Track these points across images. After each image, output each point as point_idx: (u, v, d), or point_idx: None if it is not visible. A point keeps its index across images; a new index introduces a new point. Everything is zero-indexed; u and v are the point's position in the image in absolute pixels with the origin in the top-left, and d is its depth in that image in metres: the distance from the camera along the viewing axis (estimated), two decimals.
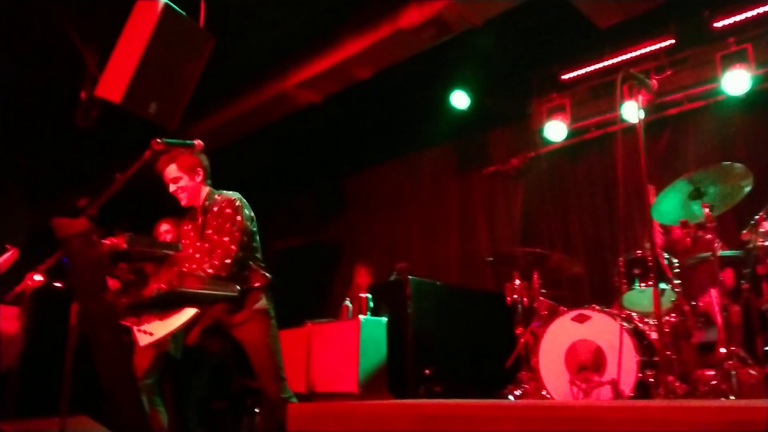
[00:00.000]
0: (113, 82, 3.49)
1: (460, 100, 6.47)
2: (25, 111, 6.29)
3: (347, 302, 5.44)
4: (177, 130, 3.62)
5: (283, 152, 7.67)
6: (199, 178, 3.32)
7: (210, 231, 3.22)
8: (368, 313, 5.22)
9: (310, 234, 8.52)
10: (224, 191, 3.38)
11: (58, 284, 5.65)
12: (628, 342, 3.56)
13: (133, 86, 3.44)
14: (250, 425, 5.80)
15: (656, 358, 3.61)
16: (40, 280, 4.24)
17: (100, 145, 6.49)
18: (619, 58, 5.77)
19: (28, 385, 4.30)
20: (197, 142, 3.17)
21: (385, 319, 5.11)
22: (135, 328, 3.00)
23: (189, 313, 2.85)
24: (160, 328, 2.91)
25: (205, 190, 3.35)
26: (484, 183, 6.91)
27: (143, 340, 2.97)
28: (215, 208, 3.27)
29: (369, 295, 5.35)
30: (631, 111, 5.37)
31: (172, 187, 3.30)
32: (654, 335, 3.74)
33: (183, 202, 3.34)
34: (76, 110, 4.68)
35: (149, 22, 3.48)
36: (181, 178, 3.27)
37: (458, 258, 6.92)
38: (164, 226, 4.25)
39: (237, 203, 3.26)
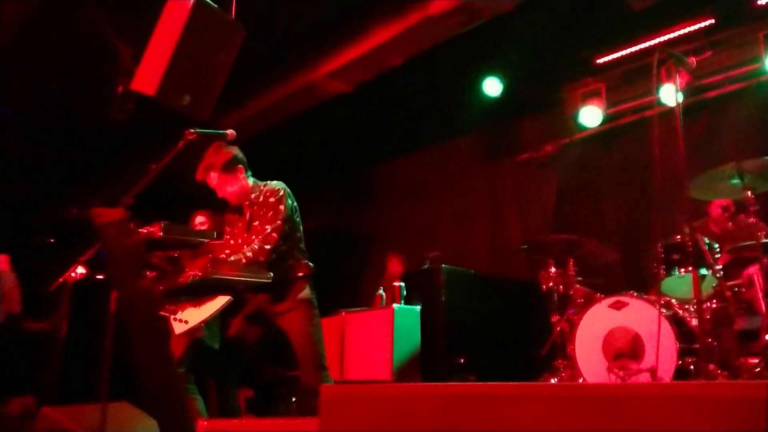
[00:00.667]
0: (148, 76, 3.56)
1: (492, 87, 6.39)
2: (63, 105, 6.45)
3: (380, 291, 5.46)
4: (209, 122, 3.67)
5: (313, 142, 7.70)
6: (241, 176, 3.35)
7: (257, 222, 3.26)
8: (401, 301, 5.23)
9: (341, 224, 8.55)
10: (269, 182, 3.41)
11: (99, 276, 5.80)
12: (667, 329, 3.50)
13: (167, 79, 3.50)
14: (286, 413, 5.88)
15: (696, 345, 3.53)
16: (82, 273, 4.34)
17: (135, 137, 6.61)
18: (656, 40, 5.62)
19: (68, 372, 4.43)
20: (230, 131, 3.20)
21: (418, 308, 5.11)
22: (171, 317, 3.05)
23: (222, 300, 2.89)
24: (195, 315, 2.96)
25: (249, 184, 3.38)
26: (516, 170, 6.84)
27: (178, 328, 3.02)
28: (261, 199, 3.30)
29: (402, 284, 5.36)
30: (669, 93, 5.25)
31: (219, 192, 3.34)
32: (694, 322, 3.66)
33: (233, 202, 3.38)
34: (113, 103, 4.77)
35: (182, 15, 3.53)
36: (224, 182, 3.30)
37: (490, 246, 6.87)
38: (199, 218, 4.32)
39: (281, 193, 3.28)
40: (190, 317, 2.98)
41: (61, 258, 4.47)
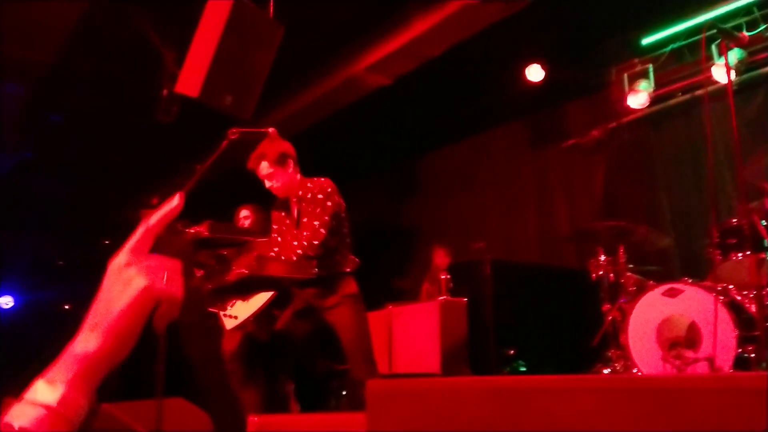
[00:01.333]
0: (191, 78, 3.63)
1: (535, 73, 6.27)
2: (110, 109, 6.64)
3: (426, 284, 5.44)
4: (252, 120, 3.72)
5: (356, 137, 7.71)
6: (290, 170, 3.38)
7: (305, 219, 3.29)
8: (448, 294, 5.20)
9: (386, 217, 8.55)
10: (316, 178, 3.43)
11: None
12: (725, 316, 3.37)
13: (210, 80, 3.57)
14: (337, 407, 5.93)
15: (756, 333, 3.40)
16: None
17: (180, 139, 6.75)
18: (706, 15, 5.41)
19: (124, 370, 4.57)
20: (271, 129, 3.23)
21: (465, 300, 5.07)
22: (221, 313, 3.11)
23: (268, 293, 2.92)
24: (244, 310, 3.01)
25: (297, 178, 3.41)
26: (562, 158, 6.69)
27: (229, 324, 3.08)
28: (308, 195, 3.33)
29: (448, 276, 5.33)
30: (721, 71, 5.05)
31: (267, 183, 3.38)
32: (753, 308, 3.52)
33: (279, 194, 3.42)
34: (158, 106, 4.89)
35: (221, 17, 3.58)
36: (274, 174, 3.34)
37: (537, 236, 6.76)
38: (244, 212, 4.37)
39: (328, 189, 3.31)
40: (239, 312, 3.04)
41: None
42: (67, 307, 10.83)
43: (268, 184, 3.38)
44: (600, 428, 0.84)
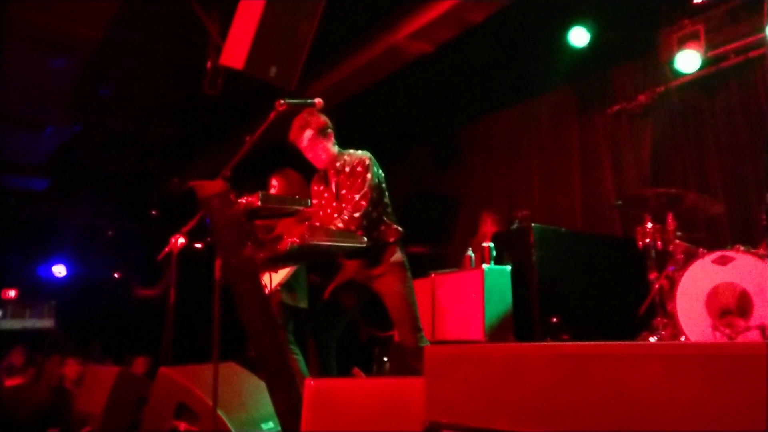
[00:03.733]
0: (235, 50, 3.67)
1: (579, 37, 6.10)
2: (159, 83, 6.76)
3: (470, 252, 5.44)
4: (295, 92, 3.75)
5: (399, 106, 7.68)
6: (330, 143, 3.42)
7: (344, 191, 3.33)
8: (492, 262, 5.20)
9: (429, 186, 8.55)
10: (353, 150, 3.46)
11: (198, 245, 6.13)
12: None
13: (254, 52, 3.60)
14: (379, 374, 6.04)
15: None
16: (182, 242, 4.59)
17: (228, 111, 6.85)
18: None
19: (181, 335, 4.73)
20: (317, 100, 3.26)
21: (509, 268, 5.07)
22: None
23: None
24: (272, 280, 3.13)
25: (335, 150, 3.44)
26: (608, 124, 6.54)
27: None
28: (347, 169, 3.36)
29: (492, 245, 5.32)
30: None
31: (308, 154, 3.42)
32: None
33: (319, 166, 3.47)
34: (204, 79, 4.96)
35: None
36: (317, 144, 3.38)
37: (582, 203, 6.66)
38: (274, 181, 4.43)
39: (367, 162, 3.33)
40: (266, 282, 3.12)
41: (165, 229, 4.73)
42: (116, 275, 11.23)
43: (309, 155, 3.42)
44: (668, 394, 0.86)
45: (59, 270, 10.82)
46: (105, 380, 4.20)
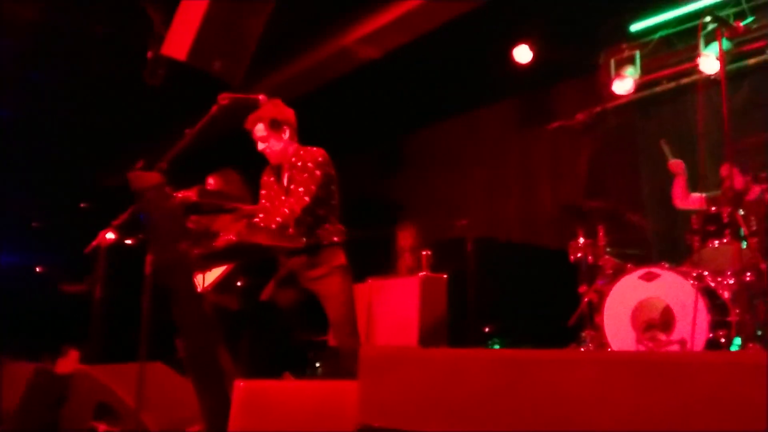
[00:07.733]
0: (178, 40, 3.56)
1: (523, 54, 6.26)
2: (96, 72, 6.50)
3: (408, 259, 5.47)
4: (242, 87, 3.67)
5: (344, 111, 7.65)
6: (285, 136, 3.37)
7: (293, 186, 3.28)
8: (429, 270, 5.25)
9: (371, 192, 8.55)
10: (311, 147, 3.42)
11: (128, 241, 5.90)
12: (700, 301, 3.45)
13: (198, 43, 3.50)
14: (312, 377, 5.97)
15: (729, 319, 3.49)
16: (112, 237, 4.42)
17: (168, 103, 6.65)
18: (695, 5, 5.44)
19: (108, 332, 4.56)
20: (261, 96, 3.20)
21: (445, 276, 5.12)
22: None
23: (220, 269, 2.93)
24: (205, 280, 3.05)
25: (293, 146, 3.39)
26: (547, 139, 6.72)
27: None
28: (299, 164, 3.32)
29: (429, 253, 5.37)
30: (707, 61, 5.10)
31: (260, 146, 3.36)
32: (727, 295, 3.61)
33: (271, 160, 3.41)
34: (144, 69, 4.80)
35: None
36: (267, 137, 3.32)
37: (520, 216, 6.82)
38: (210, 180, 4.33)
39: (320, 159, 3.30)
40: (199, 282, 3.05)
41: (96, 223, 4.54)
42: (38, 269, 10.70)
43: (260, 146, 3.37)
44: (602, 397, 0.87)
45: None
46: (21, 378, 3.99)
